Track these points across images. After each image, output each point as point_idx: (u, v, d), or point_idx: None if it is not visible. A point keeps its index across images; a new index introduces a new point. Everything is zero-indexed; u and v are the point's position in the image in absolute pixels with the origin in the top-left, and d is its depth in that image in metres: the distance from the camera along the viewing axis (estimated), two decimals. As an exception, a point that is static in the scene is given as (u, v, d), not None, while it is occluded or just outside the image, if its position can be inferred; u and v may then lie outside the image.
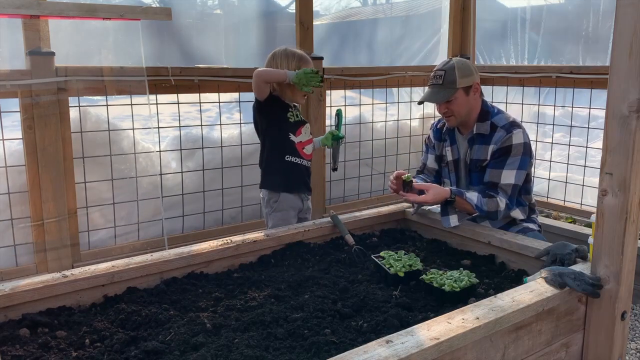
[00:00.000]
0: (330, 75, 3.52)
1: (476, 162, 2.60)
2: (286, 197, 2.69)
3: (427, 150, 2.94)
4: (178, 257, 2.16)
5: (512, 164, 2.48)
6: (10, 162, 2.65)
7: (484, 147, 2.57)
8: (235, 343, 1.63)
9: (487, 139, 2.56)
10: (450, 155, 2.74)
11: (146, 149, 3.07)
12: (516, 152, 2.48)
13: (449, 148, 2.74)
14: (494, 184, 2.50)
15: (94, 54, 3.05)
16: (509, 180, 2.49)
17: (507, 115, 2.62)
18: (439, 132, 2.82)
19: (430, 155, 2.90)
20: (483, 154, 2.57)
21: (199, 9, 3.61)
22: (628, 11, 1.63)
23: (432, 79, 2.60)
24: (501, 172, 2.49)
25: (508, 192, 2.49)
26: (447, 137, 2.75)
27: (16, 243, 2.69)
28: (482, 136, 2.58)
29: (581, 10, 4.05)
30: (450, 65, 2.56)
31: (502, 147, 2.49)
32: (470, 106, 2.58)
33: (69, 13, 2.56)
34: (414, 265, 2.15)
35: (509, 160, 2.48)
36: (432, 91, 2.59)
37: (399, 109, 4.06)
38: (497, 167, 2.51)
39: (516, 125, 2.53)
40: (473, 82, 2.56)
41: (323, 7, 4.53)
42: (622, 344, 1.89)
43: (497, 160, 2.51)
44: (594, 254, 1.85)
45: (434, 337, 1.46)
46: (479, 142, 2.59)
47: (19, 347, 1.64)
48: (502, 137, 2.50)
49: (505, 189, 2.49)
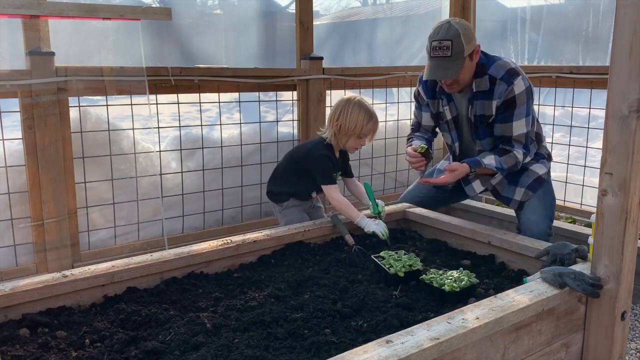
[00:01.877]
0: (330, 75, 3.52)
1: (481, 117, 2.54)
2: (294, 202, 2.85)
3: (419, 108, 2.85)
4: (178, 257, 2.16)
5: (520, 114, 2.45)
6: (10, 162, 2.65)
7: (486, 102, 2.50)
8: (235, 343, 1.63)
9: (488, 94, 2.48)
10: (449, 113, 2.66)
11: (146, 149, 3.07)
12: (520, 101, 2.44)
13: (447, 107, 2.66)
14: (507, 137, 2.48)
15: (94, 54, 3.05)
16: (520, 130, 2.47)
17: (501, 61, 2.51)
18: (432, 90, 2.71)
19: (424, 113, 2.81)
20: (487, 110, 2.51)
21: (199, 9, 3.61)
22: (628, 11, 1.63)
23: (438, 50, 2.39)
24: (511, 124, 2.47)
25: (522, 141, 2.48)
26: (443, 95, 2.65)
27: (16, 243, 2.69)
28: (482, 92, 2.50)
29: (581, 10, 4.04)
30: (454, 32, 2.37)
31: (506, 101, 2.44)
32: (471, 73, 2.48)
33: (69, 13, 2.56)
34: (414, 265, 2.15)
35: (516, 112, 2.45)
36: (441, 65, 2.40)
37: (399, 109, 4.06)
38: (506, 120, 2.47)
39: (514, 74, 2.46)
40: (475, 45, 2.45)
41: (323, 7, 4.53)
42: (622, 344, 1.89)
43: (505, 115, 2.47)
44: (594, 254, 1.85)
45: (434, 337, 1.46)
46: (480, 98, 2.51)
47: (19, 347, 1.64)
48: (503, 91, 2.44)
49: (519, 140, 2.48)
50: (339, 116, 2.67)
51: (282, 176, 2.86)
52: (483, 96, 2.50)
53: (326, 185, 2.68)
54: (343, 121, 2.66)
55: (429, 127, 2.84)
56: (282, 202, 2.83)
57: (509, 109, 2.46)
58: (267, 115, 3.52)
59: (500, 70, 2.48)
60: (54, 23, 2.65)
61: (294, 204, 2.83)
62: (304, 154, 2.77)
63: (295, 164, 2.80)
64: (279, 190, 2.84)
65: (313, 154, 2.71)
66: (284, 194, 2.82)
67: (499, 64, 2.50)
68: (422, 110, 2.82)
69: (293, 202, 2.83)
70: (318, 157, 2.69)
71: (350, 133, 2.68)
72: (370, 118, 2.69)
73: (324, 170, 2.68)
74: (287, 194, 2.82)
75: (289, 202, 2.83)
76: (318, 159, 2.69)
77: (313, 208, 2.94)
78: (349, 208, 2.64)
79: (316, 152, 2.71)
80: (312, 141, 2.88)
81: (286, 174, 2.84)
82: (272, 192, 2.88)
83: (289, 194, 2.81)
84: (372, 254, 2.31)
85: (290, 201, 2.82)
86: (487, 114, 2.52)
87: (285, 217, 2.83)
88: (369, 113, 2.69)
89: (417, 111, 2.86)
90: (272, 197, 2.88)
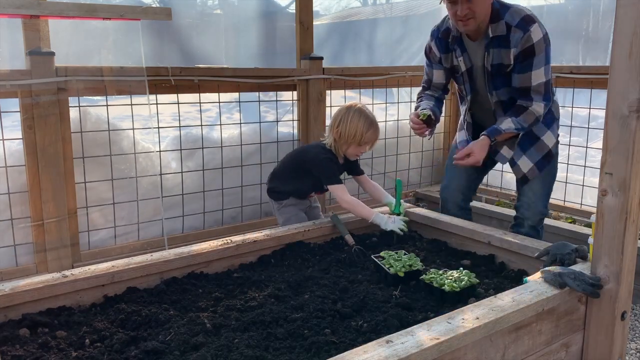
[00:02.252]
0: (330, 75, 3.52)
1: (498, 67, 2.48)
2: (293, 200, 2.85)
3: (430, 65, 2.76)
4: (178, 257, 2.16)
5: (539, 63, 2.40)
6: (10, 162, 2.65)
7: (503, 50, 2.44)
8: (235, 343, 1.63)
9: (505, 41, 2.42)
10: (463, 64, 2.59)
11: (146, 149, 3.07)
12: (539, 49, 2.38)
13: (461, 57, 2.58)
14: (525, 89, 2.44)
15: (94, 54, 3.05)
16: (540, 79, 2.42)
17: (515, 8, 2.45)
18: (444, 42, 2.64)
19: (436, 70, 2.74)
20: (505, 58, 2.45)
21: (199, 9, 3.61)
22: (628, 11, 1.63)
23: None
24: (530, 74, 2.41)
25: (542, 91, 2.43)
26: (456, 46, 2.58)
27: (16, 243, 2.69)
28: (499, 38, 2.43)
29: (581, 10, 4.05)
30: None
31: (524, 50, 2.38)
32: (488, 7, 2.40)
33: (69, 13, 2.56)
34: (414, 265, 2.15)
35: (535, 61, 2.39)
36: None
37: (399, 109, 4.06)
38: (524, 70, 2.42)
39: (530, 21, 2.39)
40: None
41: (323, 7, 4.54)
42: (622, 344, 1.89)
43: (524, 64, 2.41)
44: (594, 254, 1.85)
45: (434, 337, 1.46)
46: (497, 46, 2.44)
47: (19, 347, 1.64)
48: (520, 39, 2.37)
49: (538, 90, 2.43)
50: (339, 123, 2.67)
51: (282, 175, 2.86)
52: (500, 43, 2.43)
53: (333, 186, 2.67)
54: (343, 128, 2.66)
55: (440, 84, 2.77)
56: (281, 200, 2.84)
57: (527, 58, 2.39)
58: (267, 115, 3.52)
59: (515, 17, 2.41)
60: (54, 23, 2.65)
61: (292, 202, 2.84)
62: (308, 158, 2.76)
63: (297, 165, 2.81)
64: (279, 188, 2.84)
65: (316, 158, 2.71)
66: (283, 192, 2.83)
67: (514, 10, 2.43)
68: (434, 67, 2.74)
69: (292, 200, 2.84)
70: (322, 161, 2.69)
71: (351, 141, 2.67)
72: (371, 126, 2.68)
73: (328, 172, 2.68)
74: (286, 192, 2.82)
75: (287, 201, 2.83)
76: (322, 162, 2.69)
77: (310, 208, 2.95)
78: (361, 207, 2.64)
79: (320, 156, 2.71)
80: (313, 145, 2.88)
81: (286, 174, 2.85)
82: (271, 189, 2.89)
83: (288, 193, 2.82)
84: (372, 254, 2.31)
85: (289, 200, 2.83)
86: (505, 63, 2.45)
87: (283, 214, 2.84)
88: (369, 121, 2.68)
89: (428, 68, 2.79)
90: (272, 195, 2.89)
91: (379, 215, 2.62)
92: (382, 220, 2.60)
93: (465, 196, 2.87)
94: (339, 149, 2.73)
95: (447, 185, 2.90)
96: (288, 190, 2.82)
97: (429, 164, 4.36)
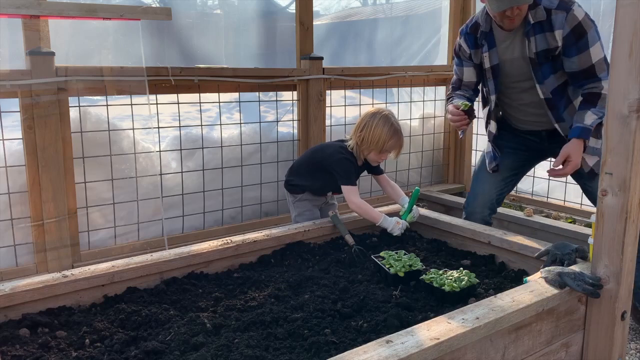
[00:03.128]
0: (330, 75, 3.52)
1: (545, 52, 2.39)
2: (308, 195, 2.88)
3: (460, 64, 2.70)
4: (178, 257, 2.16)
5: (594, 39, 2.33)
6: (10, 162, 2.65)
7: (547, 34, 2.36)
8: (235, 343, 1.63)
9: (546, 25, 2.36)
10: (488, 61, 2.54)
11: (146, 149, 3.07)
12: (587, 26, 2.32)
13: (487, 54, 2.53)
14: (588, 70, 2.34)
15: (94, 54, 3.05)
16: (599, 55, 2.34)
17: None
18: (473, 37, 2.58)
19: (466, 68, 2.67)
20: (551, 42, 2.37)
21: (199, 9, 3.61)
22: (628, 11, 1.63)
23: None
24: (589, 52, 2.33)
25: (605, 68, 2.33)
26: (485, 41, 2.52)
27: (16, 243, 2.69)
28: (540, 24, 2.36)
29: (581, 10, 4.04)
30: None
31: (573, 29, 2.31)
32: None
33: (69, 13, 2.56)
34: (414, 265, 2.15)
35: (589, 37, 2.32)
36: None
37: (399, 109, 4.06)
38: (582, 50, 2.33)
39: (569, 1, 2.34)
40: None
41: (323, 7, 4.53)
42: (622, 344, 1.89)
43: (579, 44, 2.32)
44: (594, 254, 1.85)
45: (434, 337, 1.46)
46: (539, 31, 2.37)
47: (19, 347, 1.65)
48: (564, 19, 2.32)
49: (601, 67, 2.33)
50: (363, 127, 2.67)
51: (300, 170, 2.88)
52: (540, 28, 2.37)
53: (346, 187, 2.68)
54: (366, 133, 2.66)
55: (471, 83, 2.69)
56: (297, 193, 2.87)
57: (581, 37, 2.31)
58: (267, 115, 3.52)
59: (550, 0, 2.37)
60: (54, 23, 2.65)
61: (307, 197, 2.87)
62: (326, 155, 2.77)
63: (315, 161, 2.82)
64: (295, 182, 2.86)
65: (335, 156, 2.72)
66: (299, 186, 2.85)
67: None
68: (464, 65, 2.67)
69: (307, 195, 2.86)
70: (340, 160, 2.71)
71: (373, 147, 2.67)
72: (394, 134, 2.66)
73: (344, 172, 2.69)
74: (302, 186, 2.84)
75: (303, 195, 2.86)
76: (340, 161, 2.70)
77: (326, 204, 2.97)
78: (369, 210, 2.66)
79: (337, 155, 2.72)
80: (334, 144, 2.89)
81: (303, 168, 2.87)
82: (289, 182, 2.91)
83: (304, 187, 2.84)
84: (372, 254, 2.31)
85: (304, 194, 2.86)
86: (552, 47, 2.36)
87: (297, 208, 2.87)
88: (394, 129, 2.66)
89: (458, 67, 2.72)
90: (288, 187, 2.91)
91: (387, 219, 2.63)
92: (390, 225, 2.61)
93: (492, 210, 2.83)
94: (360, 152, 2.73)
95: (474, 200, 2.83)
96: (304, 184, 2.84)
97: (429, 164, 4.36)
